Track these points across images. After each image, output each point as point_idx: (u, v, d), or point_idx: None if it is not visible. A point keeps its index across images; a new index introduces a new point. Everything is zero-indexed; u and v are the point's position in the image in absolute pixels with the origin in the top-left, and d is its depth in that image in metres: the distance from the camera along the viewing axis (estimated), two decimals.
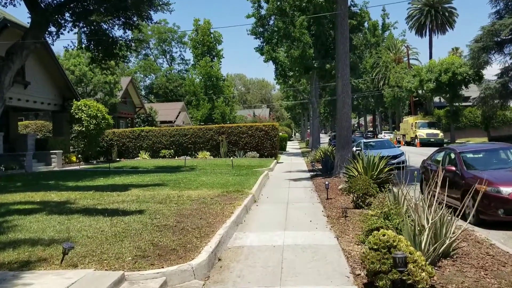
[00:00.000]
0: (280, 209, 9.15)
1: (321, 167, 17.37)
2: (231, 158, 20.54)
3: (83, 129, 21.80)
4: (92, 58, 16.77)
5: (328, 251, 5.78)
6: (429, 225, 5.12)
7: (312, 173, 16.65)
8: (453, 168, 8.98)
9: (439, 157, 10.56)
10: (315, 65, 29.03)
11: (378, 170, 11.11)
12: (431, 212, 5.38)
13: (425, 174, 10.77)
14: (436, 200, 5.65)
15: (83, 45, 15.91)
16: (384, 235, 4.30)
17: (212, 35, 50.55)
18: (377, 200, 8.66)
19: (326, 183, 10.47)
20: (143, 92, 63.19)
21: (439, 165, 10.13)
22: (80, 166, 20.70)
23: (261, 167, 18.49)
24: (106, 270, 4.59)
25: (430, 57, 57.03)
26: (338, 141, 14.64)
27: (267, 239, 6.51)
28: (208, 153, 25.19)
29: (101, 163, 22.58)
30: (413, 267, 4.09)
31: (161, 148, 25.87)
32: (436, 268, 4.81)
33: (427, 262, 4.40)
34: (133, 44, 16.61)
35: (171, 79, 60.50)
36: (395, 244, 4.23)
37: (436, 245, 4.96)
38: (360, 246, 5.99)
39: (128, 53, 17.14)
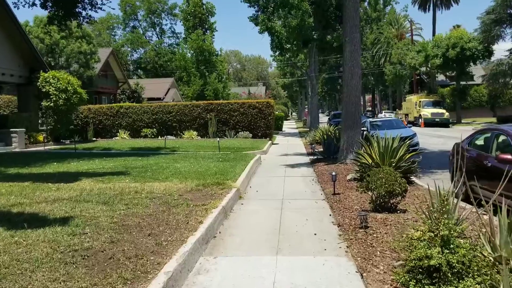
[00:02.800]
0: (272, 211, 6.73)
1: (322, 149, 14.95)
2: (218, 139, 18.02)
3: (52, 104, 19.12)
4: (50, 18, 13.98)
5: None
6: None
7: (312, 157, 14.23)
8: (509, 157, 6.56)
9: (480, 140, 8.14)
10: (314, 36, 26.31)
11: (398, 157, 8.69)
12: None
13: (458, 162, 8.36)
14: None
15: (38, 1, 13.16)
16: None
17: (204, 6, 47.29)
18: (409, 201, 6.29)
19: (333, 173, 8.02)
20: (131, 67, 59.77)
21: (481, 152, 7.77)
22: (46, 147, 18.11)
23: (253, 149, 16.06)
24: None
25: (434, 33, 53.91)
26: (344, 120, 12.12)
27: (249, 274, 4.09)
28: (195, 132, 22.64)
29: (75, 143, 19.99)
30: None
31: (143, 127, 23.22)
32: None
33: None
34: (98, 2, 13.84)
35: (161, 53, 56.94)
36: None
37: None
38: None
39: (94, 12, 14.39)
